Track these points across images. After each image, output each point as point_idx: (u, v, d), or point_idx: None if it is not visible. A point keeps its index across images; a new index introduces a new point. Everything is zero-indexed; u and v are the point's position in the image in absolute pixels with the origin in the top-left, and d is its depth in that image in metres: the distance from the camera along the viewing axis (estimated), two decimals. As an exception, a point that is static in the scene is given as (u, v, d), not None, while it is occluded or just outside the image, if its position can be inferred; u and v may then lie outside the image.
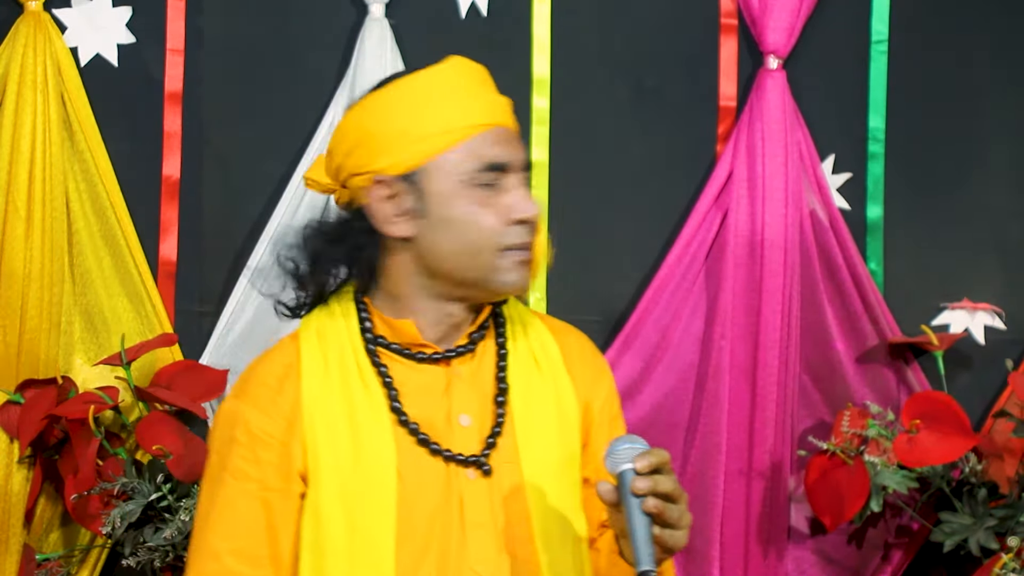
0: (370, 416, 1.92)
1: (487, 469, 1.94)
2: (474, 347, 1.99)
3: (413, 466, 1.92)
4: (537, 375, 2.02)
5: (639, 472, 1.76)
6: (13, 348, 2.81)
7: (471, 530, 1.92)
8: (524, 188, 1.95)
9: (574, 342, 2.09)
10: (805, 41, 3.04)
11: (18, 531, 2.80)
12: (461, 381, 1.98)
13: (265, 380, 1.95)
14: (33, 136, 2.82)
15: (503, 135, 1.96)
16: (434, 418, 1.95)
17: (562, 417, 2.00)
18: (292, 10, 2.96)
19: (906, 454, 2.80)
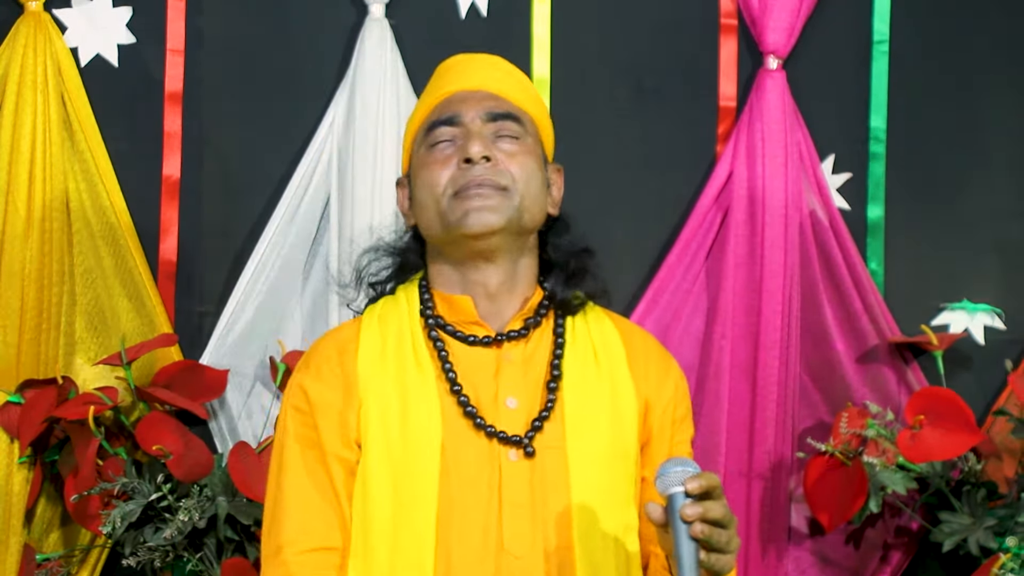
0: (420, 390, 1.98)
1: (530, 451, 1.96)
2: (527, 332, 2.03)
3: (457, 441, 1.96)
4: (594, 367, 2.03)
5: (689, 495, 1.77)
6: (13, 348, 2.81)
7: (508, 510, 1.94)
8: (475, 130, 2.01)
9: (640, 341, 2.10)
10: (805, 41, 3.04)
11: (18, 531, 2.80)
12: (511, 365, 2.01)
13: (325, 353, 2.03)
14: (33, 136, 2.83)
15: (456, 97, 2.04)
16: (482, 398, 1.98)
17: (616, 411, 2.01)
18: (292, 10, 2.96)
19: (909, 450, 2.80)
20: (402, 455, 1.95)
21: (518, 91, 2.08)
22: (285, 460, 2.00)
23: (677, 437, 2.07)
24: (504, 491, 1.95)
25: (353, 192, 2.88)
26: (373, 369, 2.00)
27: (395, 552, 1.94)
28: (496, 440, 1.96)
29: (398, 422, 1.96)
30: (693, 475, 1.78)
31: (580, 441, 1.97)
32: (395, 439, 1.96)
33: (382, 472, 1.95)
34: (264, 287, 2.92)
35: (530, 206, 2.02)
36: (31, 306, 2.81)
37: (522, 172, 2.01)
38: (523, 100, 2.08)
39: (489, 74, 2.08)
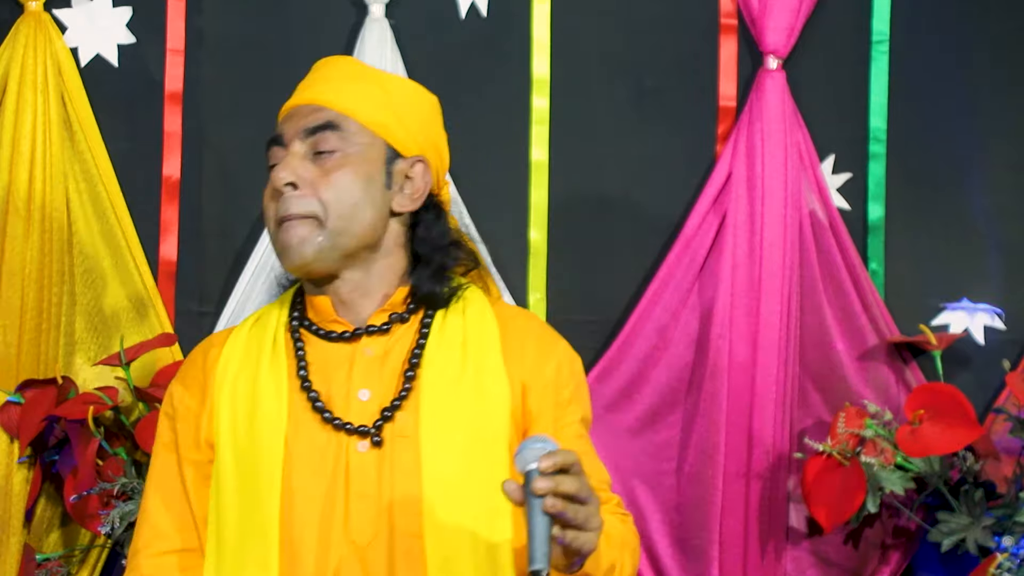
0: (270, 385, 2.01)
1: (377, 440, 1.97)
2: (389, 327, 2.04)
3: (305, 434, 1.98)
4: (459, 355, 2.03)
5: (542, 472, 1.76)
6: (13, 348, 2.82)
7: (354, 501, 1.96)
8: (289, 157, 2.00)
9: (521, 324, 2.10)
10: (805, 41, 3.04)
11: (18, 531, 2.80)
12: (367, 359, 2.02)
13: (193, 358, 2.10)
14: (33, 136, 2.83)
15: (289, 114, 2.04)
16: (334, 393, 2.00)
17: (482, 398, 2.01)
18: (292, 10, 2.96)
19: (910, 445, 2.80)
20: (248, 451, 1.98)
21: (352, 94, 2.04)
22: (151, 465, 2.08)
23: (564, 420, 2.05)
24: (352, 481, 1.96)
25: (353, 192, 2.88)
26: (230, 370, 2.04)
27: (242, 548, 1.97)
28: (343, 431, 1.97)
29: (246, 419, 2.00)
30: (548, 452, 1.77)
31: (434, 429, 1.97)
32: (242, 436, 1.99)
33: (229, 470, 1.99)
34: (264, 287, 2.92)
35: (348, 225, 2.00)
36: (31, 306, 2.81)
37: (334, 192, 1.99)
38: (355, 103, 2.03)
39: (324, 84, 2.05)
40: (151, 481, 2.06)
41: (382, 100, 2.06)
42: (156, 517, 2.03)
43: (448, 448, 1.98)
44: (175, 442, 2.04)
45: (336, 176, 2.00)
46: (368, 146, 2.03)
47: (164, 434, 2.07)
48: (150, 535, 2.03)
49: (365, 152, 2.02)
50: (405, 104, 2.08)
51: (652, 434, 2.97)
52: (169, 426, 2.06)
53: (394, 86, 2.09)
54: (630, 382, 2.98)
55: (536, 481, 1.76)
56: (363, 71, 2.10)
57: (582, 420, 2.09)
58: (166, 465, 2.05)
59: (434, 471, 1.97)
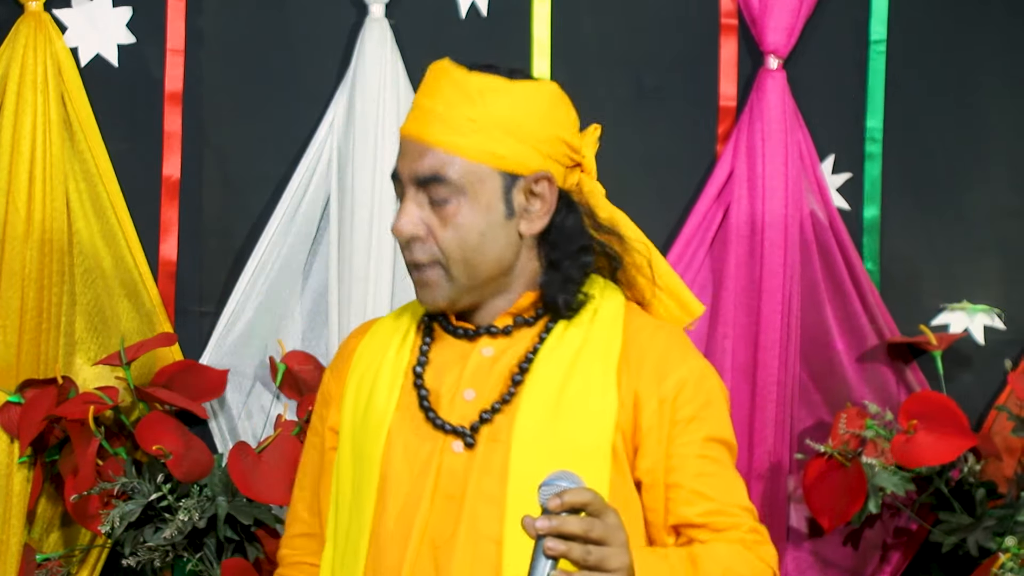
0: (387, 378, 2.02)
1: (470, 442, 1.96)
2: (511, 330, 2.01)
3: (407, 430, 1.98)
4: (568, 364, 1.99)
5: (549, 510, 1.72)
6: (13, 348, 2.81)
7: (440, 501, 1.95)
8: (407, 203, 1.97)
9: (647, 338, 2.02)
10: (805, 41, 3.04)
11: (18, 531, 2.80)
12: (482, 358, 2.00)
13: (344, 343, 2.15)
14: (33, 136, 2.83)
15: (404, 147, 2.00)
16: (444, 390, 2.00)
17: (584, 410, 1.96)
18: (292, 10, 2.96)
19: (903, 455, 2.80)
20: (361, 442, 2.01)
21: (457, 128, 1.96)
22: (304, 446, 2.15)
23: (681, 438, 1.97)
24: (441, 481, 1.96)
25: (353, 192, 2.88)
26: (363, 360, 2.06)
27: (348, 536, 2.00)
28: (441, 431, 1.97)
29: (363, 410, 2.02)
30: (557, 492, 1.72)
31: (528, 435, 1.94)
32: (358, 427, 2.02)
33: (347, 459, 2.03)
34: (264, 287, 2.92)
35: (477, 264, 1.97)
36: (31, 306, 2.81)
37: (455, 239, 1.96)
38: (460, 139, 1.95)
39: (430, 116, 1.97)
40: (300, 463, 2.14)
41: (491, 123, 1.97)
42: (298, 500, 2.12)
43: (539, 455, 1.94)
44: (320, 427, 2.10)
45: (453, 223, 1.96)
46: (480, 183, 1.97)
47: (313, 420, 2.14)
48: (291, 517, 2.13)
49: (478, 190, 1.96)
50: (519, 115, 1.99)
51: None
52: (317, 412, 2.12)
53: (506, 99, 1.99)
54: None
55: (537, 521, 1.71)
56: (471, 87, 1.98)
57: (708, 439, 1.98)
58: (310, 448, 2.11)
59: (521, 477, 1.93)
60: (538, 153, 2.01)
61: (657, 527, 1.99)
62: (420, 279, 1.99)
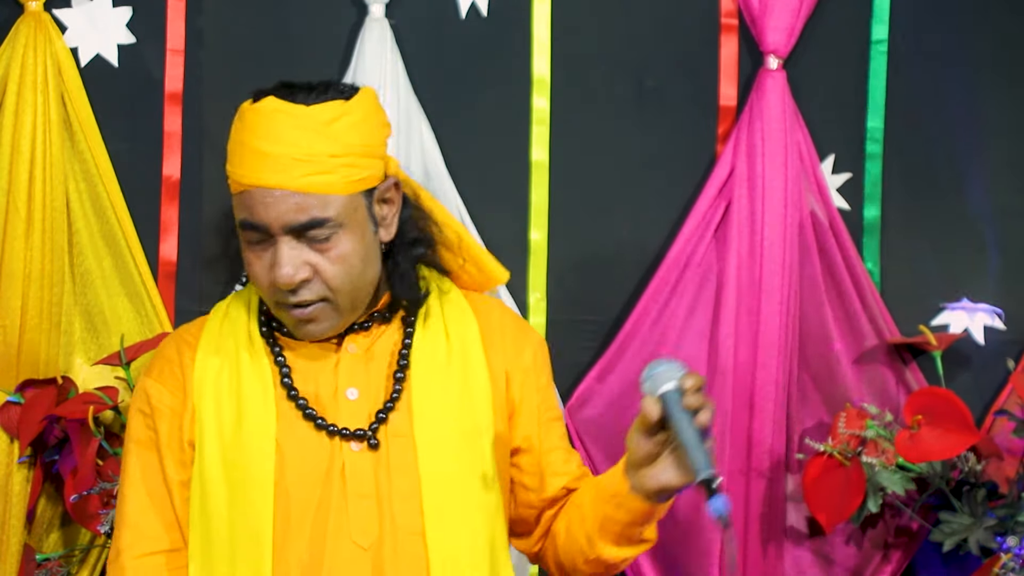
0: (256, 390, 2.01)
1: (374, 442, 1.98)
2: (369, 325, 2.05)
3: (296, 439, 1.99)
4: (444, 350, 2.06)
5: (688, 389, 1.87)
6: (13, 348, 2.81)
7: (353, 501, 1.97)
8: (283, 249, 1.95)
9: (496, 316, 2.14)
10: (805, 41, 3.04)
11: (18, 531, 2.80)
12: (352, 357, 2.03)
13: (167, 354, 2.09)
14: (33, 136, 2.82)
15: (263, 198, 1.97)
16: (321, 394, 2.01)
17: (468, 391, 2.04)
18: (292, 10, 2.96)
19: (908, 450, 2.80)
20: (237, 456, 1.99)
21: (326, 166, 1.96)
22: (126, 464, 2.07)
23: (546, 403, 2.14)
24: (348, 482, 1.97)
25: (353, 192, 2.88)
26: (209, 370, 2.03)
27: (234, 553, 1.97)
28: (339, 436, 1.99)
29: (232, 423, 1.99)
30: (687, 372, 1.89)
31: (428, 427, 2.00)
32: (229, 440, 1.99)
33: (217, 474, 1.99)
34: (264, 287, 2.92)
35: (361, 287, 2.01)
36: (31, 306, 2.81)
37: (341, 274, 1.97)
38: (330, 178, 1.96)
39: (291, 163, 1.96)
40: (129, 480, 2.05)
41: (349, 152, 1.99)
42: (139, 517, 2.03)
43: (443, 444, 2.01)
44: (155, 440, 2.04)
45: (341, 256, 1.97)
46: (355, 211, 1.99)
47: (140, 432, 2.06)
48: (133, 536, 2.03)
49: (353, 219, 1.99)
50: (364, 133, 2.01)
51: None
52: (146, 424, 2.06)
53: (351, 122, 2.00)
54: (631, 382, 2.97)
55: (688, 396, 1.87)
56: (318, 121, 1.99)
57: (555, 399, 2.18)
58: (146, 463, 2.04)
59: (431, 468, 1.99)
60: (381, 160, 2.05)
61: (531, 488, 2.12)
62: (303, 316, 1.98)
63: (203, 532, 2.00)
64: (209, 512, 1.99)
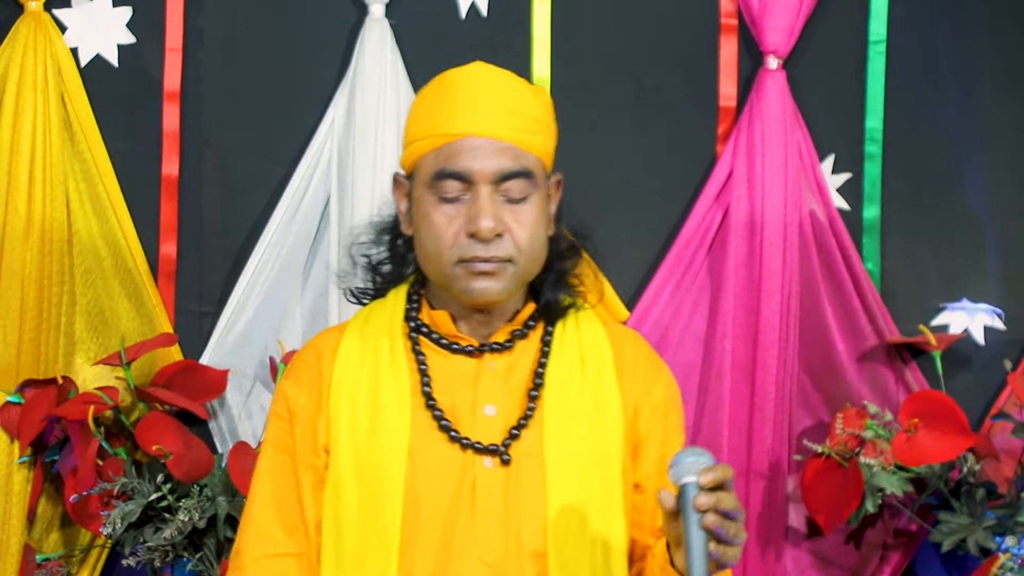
0: (392, 398, 1.98)
1: (506, 458, 1.96)
2: (512, 344, 2.02)
3: (429, 450, 1.96)
4: (579, 375, 2.02)
5: (703, 487, 1.78)
6: (13, 348, 2.81)
7: (480, 518, 1.95)
8: (485, 200, 1.94)
9: (630, 346, 2.09)
10: (805, 41, 3.04)
11: (18, 531, 2.80)
12: (492, 373, 2.01)
13: (306, 358, 2.06)
14: (33, 136, 2.83)
15: (468, 145, 1.95)
16: (459, 407, 1.99)
17: (600, 418, 2.00)
18: (292, 10, 2.96)
19: (904, 453, 2.80)
20: (370, 462, 1.96)
21: (530, 127, 1.99)
22: (259, 465, 2.05)
23: (671, 443, 2.06)
24: (478, 498, 1.95)
25: (353, 192, 2.89)
26: (347, 375, 2.01)
27: (363, 559, 1.96)
28: (471, 450, 1.96)
29: (368, 429, 1.98)
30: (708, 466, 1.79)
31: (558, 448, 1.97)
32: (363, 446, 1.97)
33: (350, 479, 1.97)
34: (264, 287, 2.93)
35: (533, 265, 1.99)
36: (31, 306, 2.81)
37: (528, 238, 1.96)
38: (535, 139, 1.99)
39: (503, 116, 1.98)
40: (261, 481, 2.03)
41: (545, 123, 2.02)
42: (264, 519, 2.01)
43: (571, 467, 1.98)
44: (291, 444, 2.01)
45: (531, 222, 1.96)
46: (543, 179, 2.00)
47: (276, 435, 2.03)
48: (255, 537, 2.02)
49: (542, 186, 2.00)
50: (549, 114, 2.04)
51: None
52: (283, 428, 2.03)
53: (540, 98, 2.04)
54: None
55: (698, 497, 1.77)
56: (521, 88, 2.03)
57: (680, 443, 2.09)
58: (279, 466, 2.02)
59: (558, 490, 1.96)
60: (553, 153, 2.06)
61: (644, 529, 2.04)
62: (487, 269, 1.94)
63: (335, 536, 1.98)
64: (340, 517, 1.97)
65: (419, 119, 2.02)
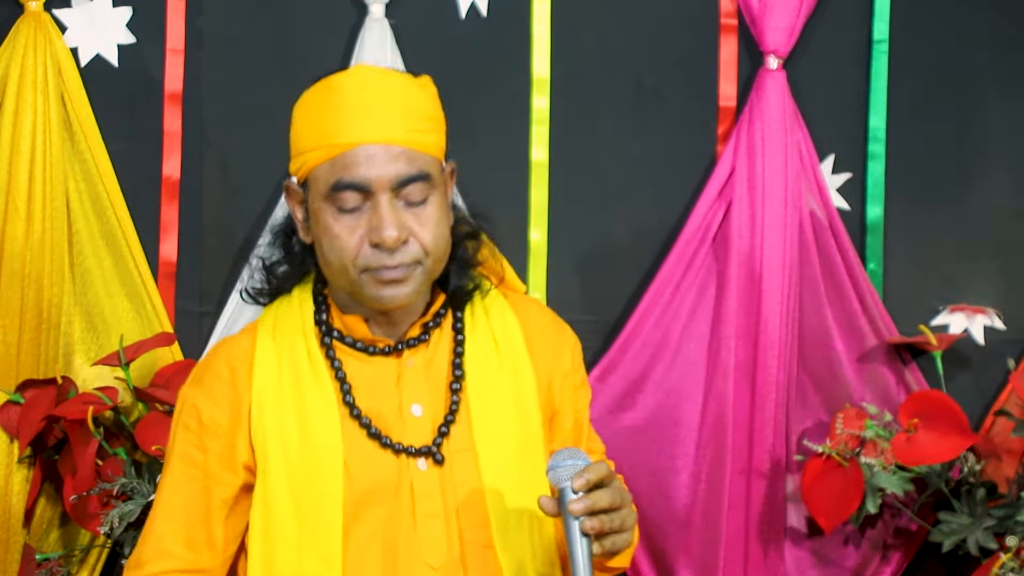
0: (320, 409, 1.97)
1: (439, 459, 1.97)
2: (428, 337, 2.03)
3: (363, 458, 1.96)
4: (495, 358, 2.04)
5: (576, 491, 1.80)
6: (13, 348, 2.81)
7: (422, 521, 1.95)
8: (386, 209, 1.91)
9: (535, 317, 2.11)
10: (805, 41, 3.04)
11: (18, 531, 2.80)
12: (413, 371, 2.00)
13: (219, 371, 2.01)
14: (33, 136, 2.83)
15: (367, 154, 1.92)
16: (385, 410, 1.98)
17: (520, 397, 2.03)
18: (292, 10, 2.96)
19: (904, 453, 2.81)
20: (303, 476, 1.95)
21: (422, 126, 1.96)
22: (165, 477, 2.02)
23: (579, 403, 2.11)
24: (417, 502, 1.95)
25: (353, 192, 2.88)
26: (269, 386, 1.98)
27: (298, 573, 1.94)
28: (404, 454, 1.96)
29: (297, 443, 1.96)
30: (580, 471, 1.81)
31: (488, 437, 1.98)
32: (295, 460, 1.95)
33: (283, 496, 1.95)
34: (264, 287, 2.92)
35: (439, 263, 1.98)
36: (31, 306, 2.81)
37: (433, 238, 1.95)
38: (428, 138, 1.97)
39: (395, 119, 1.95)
40: (164, 493, 2.00)
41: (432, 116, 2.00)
42: (165, 533, 1.99)
43: (503, 454, 1.99)
44: (202, 459, 1.98)
45: (434, 220, 1.95)
46: (439, 175, 1.98)
47: (185, 448, 2.00)
48: (155, 551, 1.99)
49: (439, 182, 1.98)
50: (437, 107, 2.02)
51: (656, 432, 2.97)
52: (192, 441, 1.99)
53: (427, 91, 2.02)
54: (633, 382, 2.98)
55: (571, 504, 1.79)
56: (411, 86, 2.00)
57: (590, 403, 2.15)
58: (187, 480, 1.99)
59: (494, 480, 1.97)
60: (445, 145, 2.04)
61: None
62: (395, 276, 1.92)
63: (265, 554, 1.95)
64: (274, 534, 1.95)
65: (309, 128, 1.99)
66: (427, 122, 1.97)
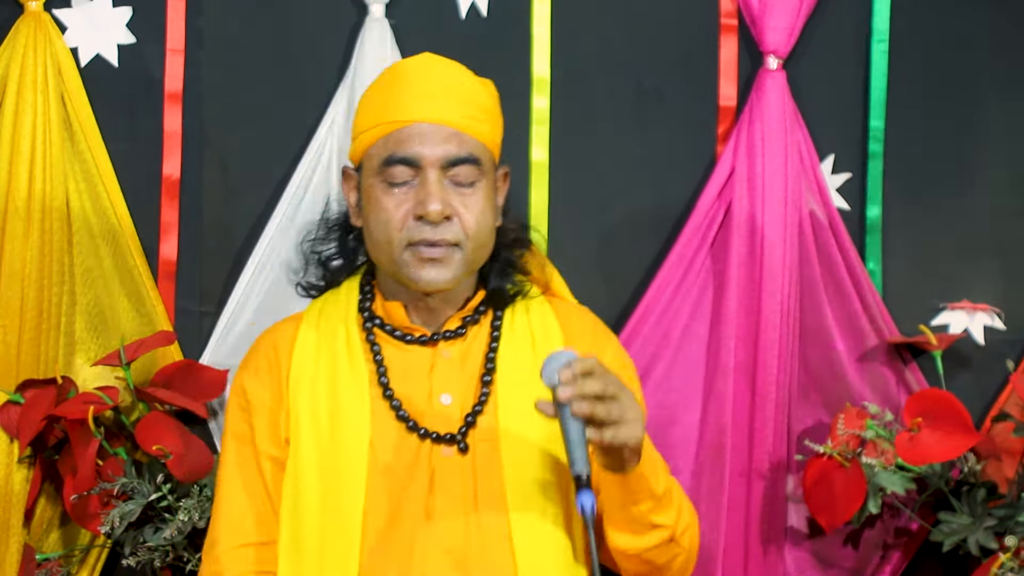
0: (352, 390, 2.02)
1: (463, 447, 2.00)
2: (464, 331, 2.07)
3: (388, 441, 2.00)
4: (531, 355, 2.07)
5: (562, 382, 1.84)
6: (13, 348, 2.81)
7: (441, 507, 1.98)
8: (434, 184, 1.98)
9: (576, 319, 2.15)
10: (805, 41, 3.04)
11: (18, 531, 2.80)
12: (446, 362, 2.05)
13: (264, 351, 2.11)
14: (33, 136, 2.82)
15: (416, 131, 2.01)
16: (416, 397, 2.03)
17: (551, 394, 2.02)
18: (292, 10, 2.96)
19: (908, 452, 2.80)
20: (331, 454, 2.00)
21: (478, 115, 2.05)
22: (223, 458, 2.11)
23: None
24: (437, 486, 1.98)
25: (353, 192, 2.89)
26: (306, 367, 2.05)
27: (323, 551, 1.98)
28: (430, 440, 2.00)
29: (328, 421, 2.01)
30: (566, 363, 1.85)
31: (514, 432, 2.01)
32: (324, 438, 2.01)
33: (311, 471, 2.01)
34: (264, 287, 2.92)
35: (480, 251, 2.04)
36: (31, 306, 2.81)
37: (476, 223, 2.01)
38: (483, 127, 2.05)
39: (452, 104, 2.04)
40: (226, 473, 2.08)
41: (490, 111, 2.08)
42: (234, 509, 2.06)
43: (528, 449, 2.02)
44: (251, 436, 2.06)
45: (479, 208, 2.02)
46: (490, 167, 2.06)
47: (238, 426, 2.08)
48: (228, 527, 2.06)
49: (489, 174, 2.05)
50: (496, 106, 2.09)
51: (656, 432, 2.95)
52: (243, 419, 2.08)
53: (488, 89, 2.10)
54: (632, 382, 2.98)
55: (559, 391, 1.84)
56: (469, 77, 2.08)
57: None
58: (243, 457, 2.07)
59: (515, 472, 2.00)
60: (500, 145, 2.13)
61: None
62: (435, 255, 1.99)
63: (293, 529, 2.01)
64: (301, 510, 2.01)
65: (368, 110, 2.07)
66: (483, 112, 2.05)
